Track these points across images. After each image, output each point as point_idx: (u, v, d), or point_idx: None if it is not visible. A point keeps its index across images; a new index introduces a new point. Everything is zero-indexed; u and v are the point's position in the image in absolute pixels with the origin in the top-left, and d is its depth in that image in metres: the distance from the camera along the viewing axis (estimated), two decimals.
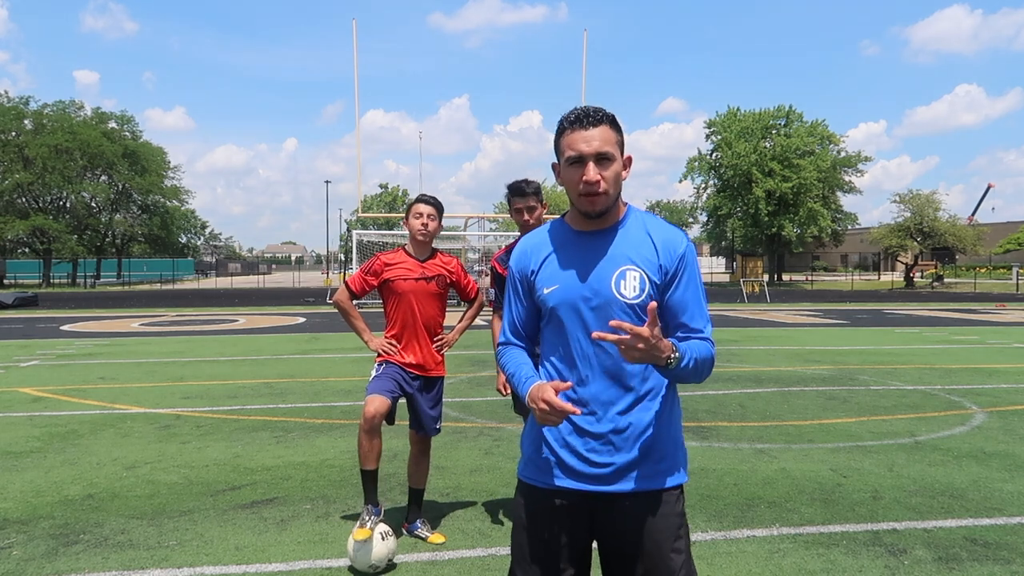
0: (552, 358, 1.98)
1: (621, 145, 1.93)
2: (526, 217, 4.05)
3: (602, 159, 1.87)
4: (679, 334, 1.90)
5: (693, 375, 1.85)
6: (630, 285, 1.89)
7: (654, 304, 1.73)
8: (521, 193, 4.04)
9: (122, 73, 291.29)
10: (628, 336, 1.71)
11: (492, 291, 4.20)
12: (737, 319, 20.46)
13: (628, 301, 1.88)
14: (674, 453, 1.95)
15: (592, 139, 1.86)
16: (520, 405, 4.21)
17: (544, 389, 1.81)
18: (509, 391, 4.19)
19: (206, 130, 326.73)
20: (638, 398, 1.91)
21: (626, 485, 1.90)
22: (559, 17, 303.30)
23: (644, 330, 1.70)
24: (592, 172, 1.86)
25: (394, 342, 4.06)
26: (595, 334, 1.77)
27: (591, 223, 1.95)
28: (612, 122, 1.91)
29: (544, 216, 4.18)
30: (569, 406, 1.79)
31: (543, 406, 1.80)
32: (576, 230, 1.99)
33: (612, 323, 1.75)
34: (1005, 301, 31.34)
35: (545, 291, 1.96)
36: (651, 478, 1.91)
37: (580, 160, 1.87)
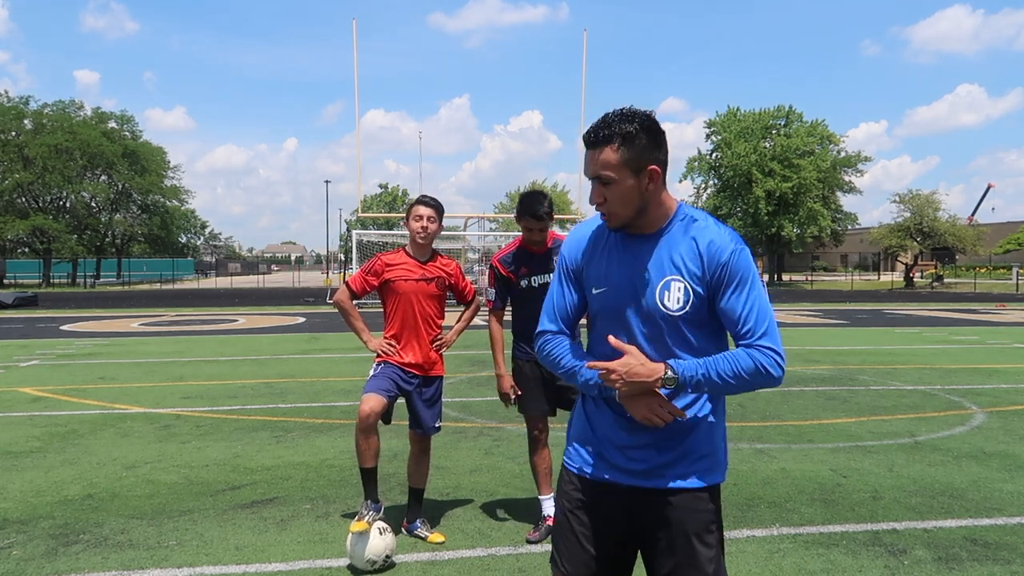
0: (599, 354, 1.98)
1: (632, 161, 1.83)
2: (536, 236, 4.04)
3: (603, 181, 1.85)
4: (739, 343, 1.86)
5: (722, 388, 1.82)
6: (674, 296, 1.86)
7: (611, 338, 1.84)
8: (537, 216, 3.96)
9: (122, 73, 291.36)
10: (607, 370, 1.81)
11: (492, 291, 4.19)
12: None
13: (671, 313, 1.86)
14: (712, 453, 1.95)
15: (592, 161, 1.85)
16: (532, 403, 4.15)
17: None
18: (515, 396, 4.16)
19: (206, 130, 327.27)
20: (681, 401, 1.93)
21: (663, 482, 1.92)
22: (560, 17, 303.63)
23: (613, 364, 1.80)
24: (595, 194, 1.86)
25: (393, 343, 4.07)
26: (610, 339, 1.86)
27: (634, 228, 1.93)
28: (620, 139, 1.81)
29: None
30: (678, 409, 1.84)
31: (657, 407, 1.82)
32: (621, 232, 1.96)
33: (610, 339, 1.86)
34: (1005, 301, 31.34)
35: (593, 291, 1.97)
36: (687, 476, 1.92)
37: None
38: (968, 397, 8.24)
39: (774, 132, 56.84)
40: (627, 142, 1.82)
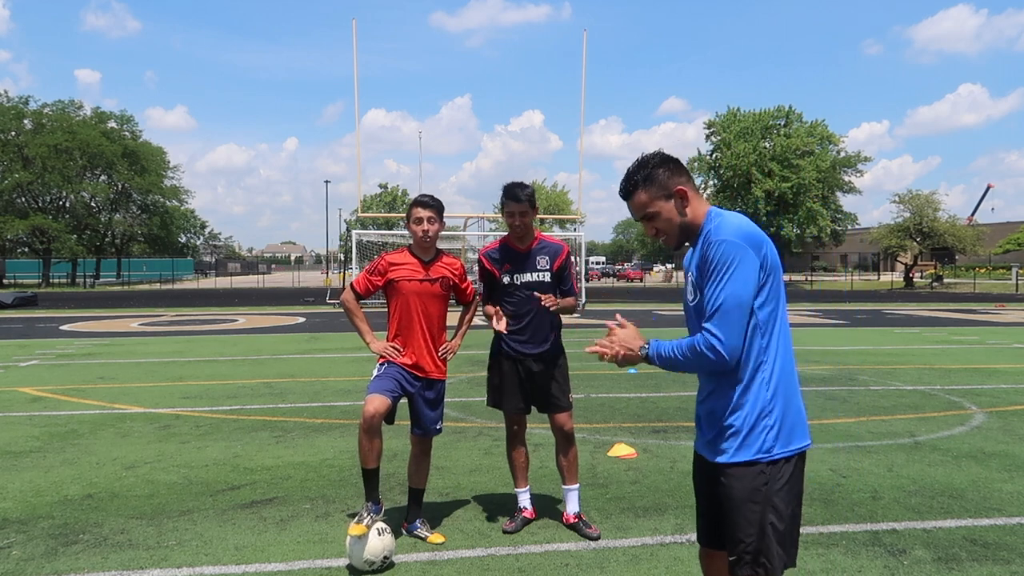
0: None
1: (664, 193, 2.20)
2: (518, 221, 4.12)
3: (648, 218, 2.23)
4: None
5: (681, 364, 2.15)
6: (689, 292, 2.29)
7: (617, 316, 2.29)
8: (516, 199, 4.10)
9: (124, 72, 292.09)
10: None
11: (481, 285, 4.35)
12: None
13: (691, 304, 2.29)
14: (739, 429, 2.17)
15: (633, 209, 2.25)
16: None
17: None
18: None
19: (207, 129, 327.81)
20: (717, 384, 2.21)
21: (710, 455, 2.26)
22: (562, 17, 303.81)
23: (603, 341, 2.23)
24: (648, 231, 2.27)
25: (397, 345, 4.06)
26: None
27: (690, 242, 2.29)
28: (643, 183, 2.19)
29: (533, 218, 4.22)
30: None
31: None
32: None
33: (616, 316, 2.28)
34: (1004, 301, 31.35)
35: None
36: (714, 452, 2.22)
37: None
38: (968, 397, 8.24)
39: (774, 132, 56.81)
40: (647, 183, 2.19)
